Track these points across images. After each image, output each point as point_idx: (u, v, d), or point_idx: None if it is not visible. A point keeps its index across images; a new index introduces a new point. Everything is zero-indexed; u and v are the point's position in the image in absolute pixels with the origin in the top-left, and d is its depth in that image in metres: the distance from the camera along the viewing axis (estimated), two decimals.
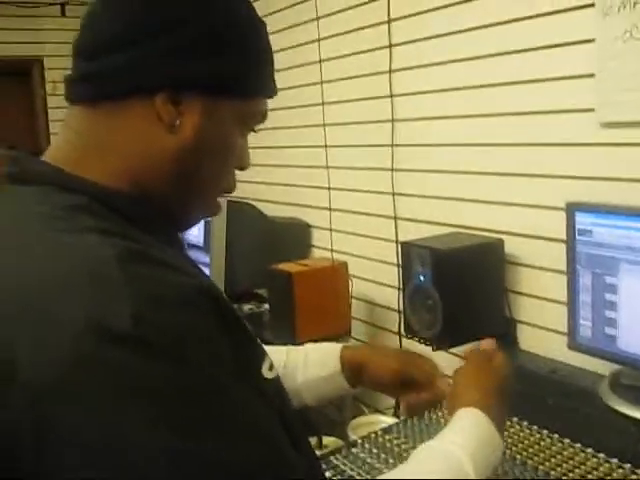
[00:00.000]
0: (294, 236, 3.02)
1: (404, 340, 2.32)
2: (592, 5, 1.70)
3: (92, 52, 0.81)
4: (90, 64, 0.81)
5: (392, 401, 2.47)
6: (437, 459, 0.91)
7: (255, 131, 0.90)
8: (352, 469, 1.56)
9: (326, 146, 2.81)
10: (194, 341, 0.67)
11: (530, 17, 1.88)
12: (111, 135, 0.81)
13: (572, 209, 1.66)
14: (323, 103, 2.81)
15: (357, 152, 2.67)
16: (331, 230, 2.83)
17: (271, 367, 0.84)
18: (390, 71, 2.41)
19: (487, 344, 1.16)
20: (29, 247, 0.71)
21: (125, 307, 0.63)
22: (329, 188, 2.82)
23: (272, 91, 0.91)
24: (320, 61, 2.80)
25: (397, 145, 2.44)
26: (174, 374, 0.64)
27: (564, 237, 1.70)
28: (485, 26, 2.02)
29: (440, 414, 1.78)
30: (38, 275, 0.68)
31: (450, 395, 1.08)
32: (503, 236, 2.02)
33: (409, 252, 1.98)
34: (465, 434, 0.95)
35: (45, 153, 0.84)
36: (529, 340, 2.00)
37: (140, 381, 0.62)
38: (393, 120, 2.43)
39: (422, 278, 1.92)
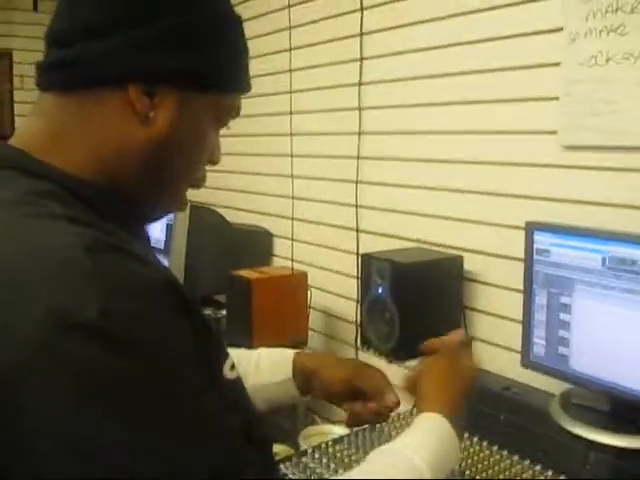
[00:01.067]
0: (255, 244, 3.01)
1: (360, 353, 2.32)
2: (560, 30, 1.73)
3: (67, 39, 0.79)
4: (64, 51, 0.79)
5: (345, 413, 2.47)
6: (397, 465, 0.91)
7: (228, 127, 0.90)
8: (301, 478, 1.55)
9: (292, 155, 2.81)
10: (161, 337, 0.66)
11: (500, 38, 1.91)
12: (82, 123, 0.79)
13: (531, 228, 1.68)
14: (291, 112, 2.81)
15: (322, 162, 2.67)
16: (292, 240, 2.83)
17: (232, 367, 0.83)
18: (360, 84, 2.43)
19: (456, 336, 1.17)
20: None
21: (92, 298, 0.62)
22: (292, 197, 2.82)
23: (247, 87, 0.90)
24: (290, 70, 2.80)
25: (362, 157, 2.45)
26: (139, 370, 0.63)
27: (522, 256, 1.71)
28: (454, 44, 2.05)
29: (389, 428, 1.79)
30: (3, 261, 0.66)
31: (418, 389, 1.08)
32: (463, 253, 2.03)
33: (369, 264, 1.98)
34: (426, 442, 0.95)
35: (11, 139, 0.82)
36: (483, 357, 2.01)
37: (105, 375, 0.61)
38: (360, 133, 2.44)
39: (381, 290, 1.93)
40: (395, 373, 1.24)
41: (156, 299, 0.67)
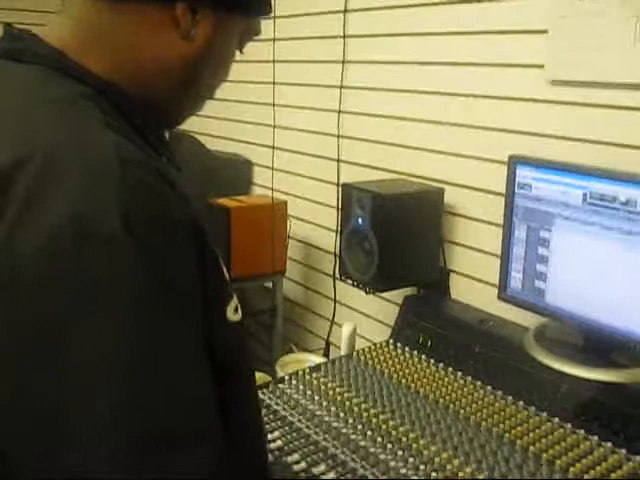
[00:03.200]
0: (235, 172, 2.98)
1: (338, 283, 2.34)
2: None
3: None
4: None
5: (322, 342, 2.50)
6: None
7: (242, 52, 0.95)
8: (278, 404, 1.58)
9: (274, 83, 2.76)
10: (172, 265, 0.67)
11: None
12: (124, 33, 0.81)
13: (514, 162, 1.67)
14: (274, 39, 2.75)
15: (305, 91, 2.63)
16: (273, 169, 2.80)
17: (236, 309, 0.83)
18: (345, 11, 2.37)
19: None
20: (34, 123, 0.70)
21: (116, 211, 0.63)
22: (274, 126, 2.78)
23: (269, 12, 0.95)
24: None
25: (346, 87, 2.41)
26: (147, 288, 0.64)
27: (503, 190, 1.71)
28: None
29: (365, 357, 1.81)
30: (46, 153, 0.66)
31: None
32: (444, 186, 2.03)
33: (349, 194, 1.97)
34: None
35: (41, 34, 0.82)
36: (461, 290, 2.03)
37: (113, 284, 0.62)
38: (344, 61, 2.40)
39: (360, 221, 1.92)
40: (372, 305, 1.26)
41: (177, 230, 0.69)
